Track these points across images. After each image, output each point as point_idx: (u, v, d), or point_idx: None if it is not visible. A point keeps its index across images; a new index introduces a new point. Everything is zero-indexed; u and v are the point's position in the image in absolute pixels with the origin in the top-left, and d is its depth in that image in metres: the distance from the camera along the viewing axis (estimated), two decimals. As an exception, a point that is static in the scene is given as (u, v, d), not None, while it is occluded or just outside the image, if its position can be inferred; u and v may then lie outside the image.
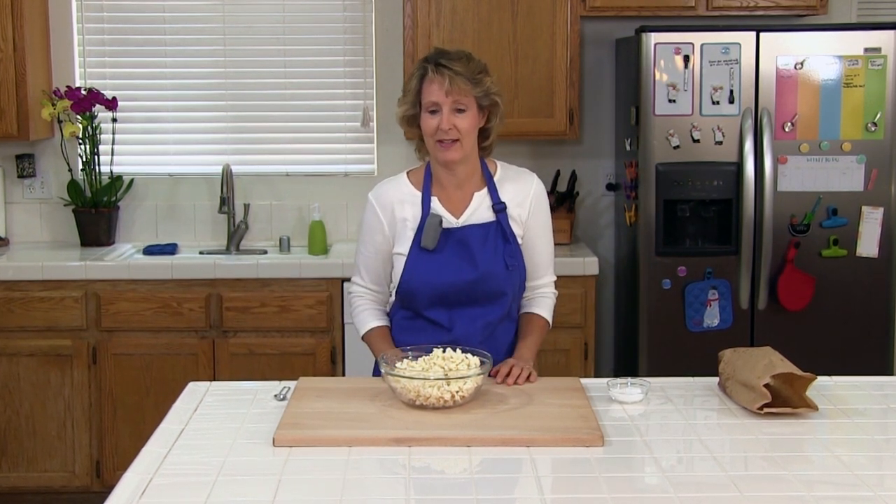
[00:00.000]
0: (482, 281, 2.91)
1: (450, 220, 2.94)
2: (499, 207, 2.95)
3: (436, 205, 2.95)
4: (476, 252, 2.91)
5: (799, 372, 2.62)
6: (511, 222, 2.96)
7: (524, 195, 2.99)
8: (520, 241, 2.97)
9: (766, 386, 2.56)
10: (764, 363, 2.62)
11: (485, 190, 2.98)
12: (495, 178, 2.99)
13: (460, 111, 2.85)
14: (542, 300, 3.08)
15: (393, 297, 3.06)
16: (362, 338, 3.09)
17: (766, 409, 2.55)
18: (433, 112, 2.86)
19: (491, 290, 2.93)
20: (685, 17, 4.83)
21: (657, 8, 4.69)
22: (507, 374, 2.78)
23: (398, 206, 2.98)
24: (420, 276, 2.92)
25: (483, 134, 2.96)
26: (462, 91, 2.83)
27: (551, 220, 3.08)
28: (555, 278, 3.11)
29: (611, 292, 5.13)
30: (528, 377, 2.78)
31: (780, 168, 4.33)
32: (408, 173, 3.04)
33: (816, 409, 2.58)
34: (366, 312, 3.08)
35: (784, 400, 2.61)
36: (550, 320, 3.09)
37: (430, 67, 2.86)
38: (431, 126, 2.87)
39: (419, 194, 2.97)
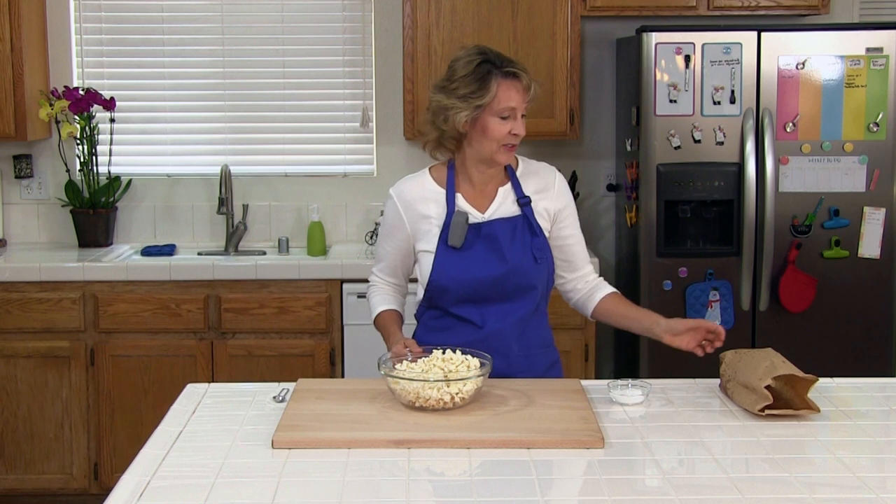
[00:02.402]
0: (512, 275, 2.90)
1: (476, 216, 2.93)
2: (524, 201, 2.95)
3: (460, 201, 2.95)
4: (504, 246, 2.90)
5: (800, 373, 2.60)
6: (537, 216, 2.95)
7: (548, 189, 2.99)
8: (546, 234, 2.97)
9: (768, 388, 2.55)
10: (765, 365, 2.61)
11: (508, 185, 2.97)
12: (518, 173, 2.99)
13: (523, 116, 2.88)
14: (600, 284, 3.06)
15: (420, 296, 3.04)
16: (374, 323, 3.07)
17: (767, 411, 2.54)
18: (505, 117, 2.84)
19: (520, 285, 2.92)
20: (686, 17, 4.83)
21: (658, 8, 4.68)
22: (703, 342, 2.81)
23: (421, 203, 2.97)
24: (449, 273, 2.91)
25: None
26: (535, 95, 2.87)
27: None
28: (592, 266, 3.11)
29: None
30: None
31: (781, 169, 4.32)
32: (430, 169, 3.03)
33: (818, 410, 2.56)
34: (377, 297, 3.09)
35: (786, 402, 2.59)
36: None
37: (507, 73, 2.83)
38: (502, 131, 2.84)
39: (443, 191, 2.96)
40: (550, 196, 2.99)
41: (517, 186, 2.96)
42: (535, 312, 2.98)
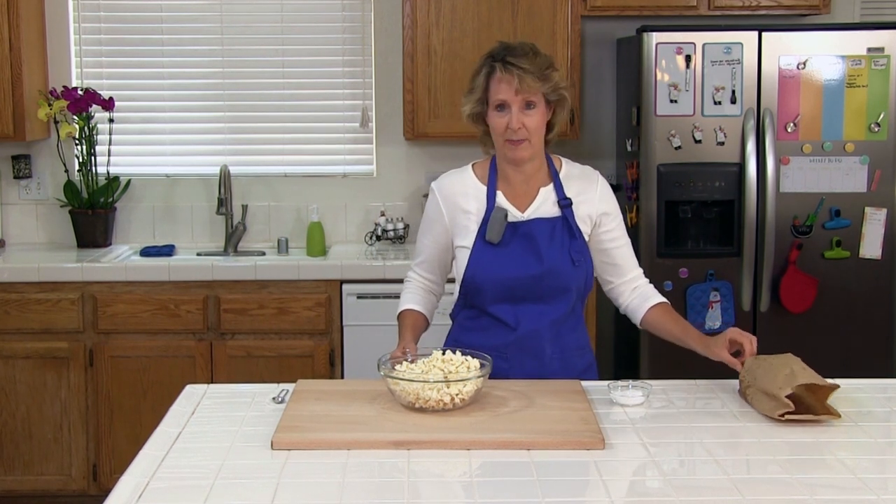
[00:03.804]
0: (547, 276, 2.88)
1: (515, 214, 2.92)
2: (564, 203, 2.93)
3: (500, 199, 2.94)
4: (542, 246, 2.89)
5: (821, 381, 2.57)
6: (578, 220, 2.94)
7: (590, 192, 2.97)
8: (586, 238, 2.95)
9: (789, 396, 2.52)
10: (785, 373, 2.58)
11: (550, 185, 2.96)
12: (561, 175, 2.97)
13: (530, 107, 2.83)
14: (648, 293, 3.04)
15: (456, 296, 3.03)
16: (397, 318, 3.07)
17: (788, 416, 2.51)
18: (501, 109, 2.84)
19: (556, 286, 2.90)
20: (687, 17, 4.82)
21: (658, 7, 4.67)
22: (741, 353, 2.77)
23: (462, 198, 2.96)
24: (484, 269, 2.90)
25: (547, 127, 2.93)
26: (531, 89, 2.81)
27: None
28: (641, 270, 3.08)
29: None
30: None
31: (782, 169, 4.32)
32: (473, 166, 3.02)
33: (839, 416, 2.53)
34: (407, 294, 3.09)
35: (806, 407, 2.57)
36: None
37: (499, 65, 2.82)
38: (500, 125, 2.84)
39: (484, 188, 2.95)
40: (592, 200, 2.97)
41: (559, 188, 2.95)
42: (570, 315, 2.96)
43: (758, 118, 4.29)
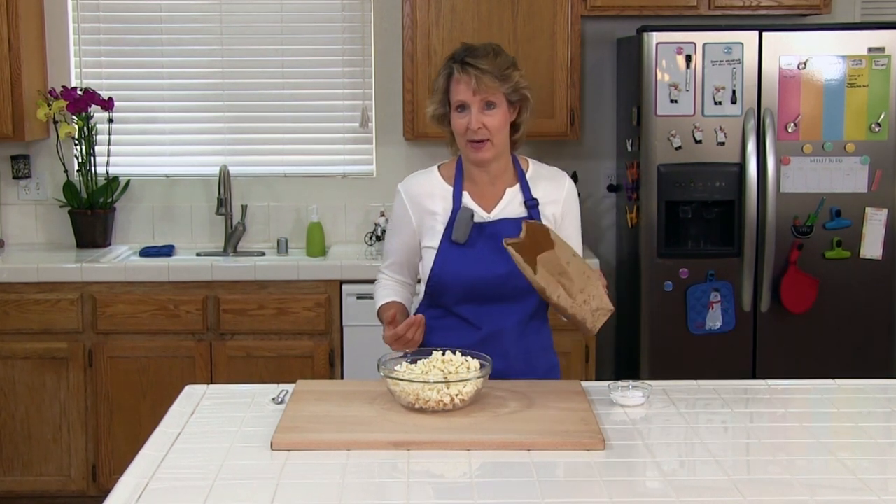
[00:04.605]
0: (513, 276, 2.87)
1: (481, 215, 2.93)
2: (531, 203, 2.94)
3: (467, 199, 2.94)
4: None
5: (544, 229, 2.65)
6: (543, 220, 2.94)
7: (557, 194, 2.98)
8: None
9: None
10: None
11: (517, 186, 2.96)
12: (527, 175, 2.98)
13: (490, 107, 2.83)
14: None
15: (421, 295, 3.03)
16: (377, 314, 3.06)
17: (509, 243, 2.60)
18: (461, 110, 2.85)
19: (521, 287, 2.88)
20: (687, 17, 4.81)
21: (659, 7, 4.67)
22: None
23: (428, 199, 2.96)
24: (450, 269, 2.90)
25: (513, 128, 2.94)
26: (490, 89, 2.82)
27: None
28: None
29: (612, 294, 5.09)
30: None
31: (782, 169, 4.31)
32: (439, 167, 3.02)
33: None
34: (381, 291, 3.08)
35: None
36: None
37: (457, 67, 2.84)
38: (461, 125, 2.85)
39: (450, 188, 2.95)
40: (558, 201, 2.97)
41: (525, 188, 2.95)
42: (534, 315, 2.97)
43: (758, 118, 4.29)
